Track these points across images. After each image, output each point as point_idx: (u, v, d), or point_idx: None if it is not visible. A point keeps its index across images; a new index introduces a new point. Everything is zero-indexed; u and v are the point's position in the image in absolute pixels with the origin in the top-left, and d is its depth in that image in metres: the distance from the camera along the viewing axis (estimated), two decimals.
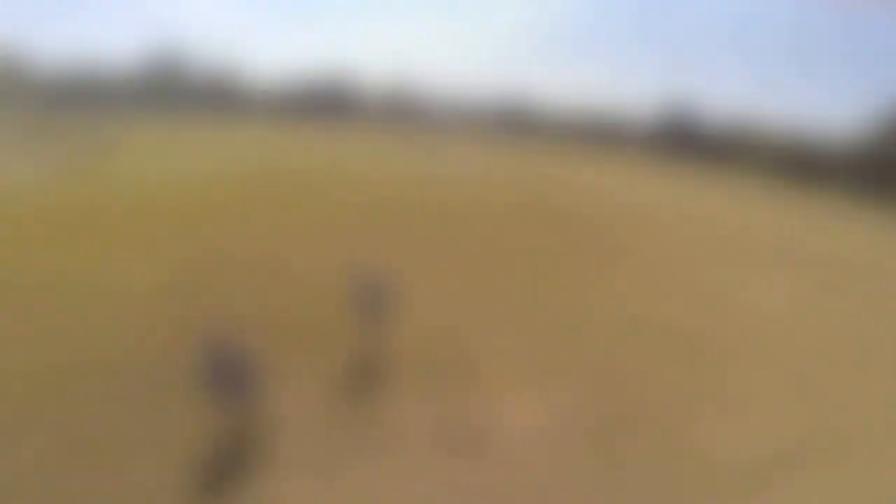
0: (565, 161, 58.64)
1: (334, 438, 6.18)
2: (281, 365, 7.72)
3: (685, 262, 16.67)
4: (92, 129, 47.32)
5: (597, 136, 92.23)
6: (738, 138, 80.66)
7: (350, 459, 5.86)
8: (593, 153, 77.66)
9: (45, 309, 8.89)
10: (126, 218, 15.70)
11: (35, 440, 5.70)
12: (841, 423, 7.85)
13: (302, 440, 6.08)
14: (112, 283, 10.26)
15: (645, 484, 5.95)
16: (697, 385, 8.46)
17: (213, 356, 5.62)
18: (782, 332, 11.33)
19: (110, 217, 15.61)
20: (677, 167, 71.02)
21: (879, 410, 8.26)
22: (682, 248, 18.87)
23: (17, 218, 14.91)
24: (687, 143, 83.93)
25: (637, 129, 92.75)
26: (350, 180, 26.31)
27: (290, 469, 5.59)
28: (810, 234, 27.82)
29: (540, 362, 8.58)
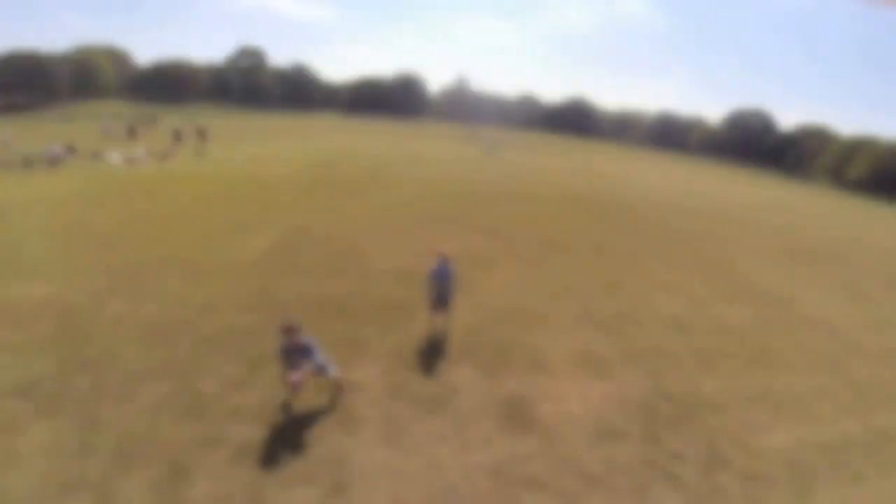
0: (630, 160, 56.98)
1: (402, 407, 6.81)
2: (357, 337, 8.47)
3: (746, 263, 16.21)
4: (187, 119, 51.18)
5: (662, 137, 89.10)
6: (805, 141, 75.61)
7: (414, 426, 6.46)
8: (660, 154, 75.18)
9: (159, 280, 10.13)
10: (221, 200, 17.29)
11: (150, 391, 6.69)
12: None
13: (373, 407, 6.74)
14: (212, 260, 11.54)
15: (691, 473, 6.14)
16: (750, 382, 8.45)
17: (285, 338, 6.20)
18: (840, 336, 10.99)
19: (207, 199, 17.20)
20: (745, 170, 67.90)
21: None
22: (745, 249, 18.30)
23: (129, 200, 16.68)
24: (755, 145, 79.52)
25: (703, 132, 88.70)
26: (420, 174, 27.12)
27: (362, 431, 6.25)
28: (876, 237, 25.93)
29: (598, 351, 8.81)
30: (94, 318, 8.54)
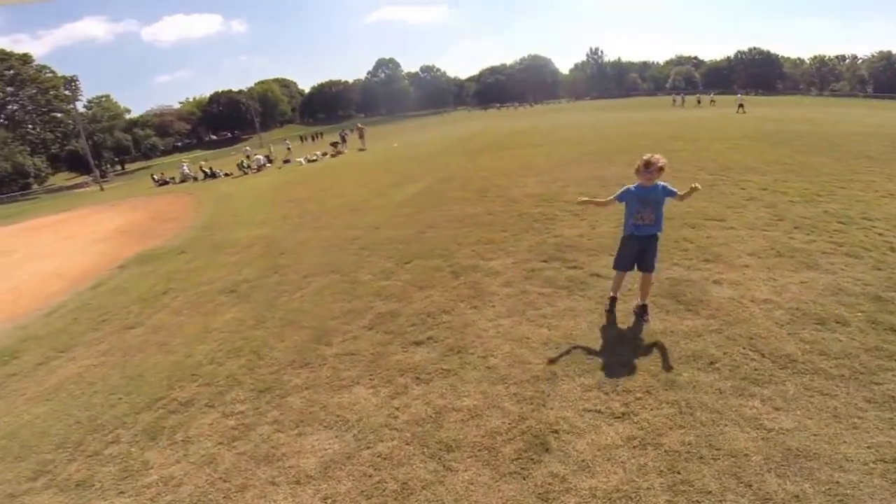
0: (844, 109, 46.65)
1: (535, 287, 6.55)
2: (494, 239, 8.70)
3: None
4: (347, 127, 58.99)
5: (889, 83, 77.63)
6: None
7: (546, 302, 6.11)
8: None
9: (336, 217, 12.21)
10: (381, 169, 20.02)
11: (319, 282, 7.93)
12: None
13: (504, 286, 6.69)
14: (376, 203, 13.55)
15: None
16: None
17: None
18: None
19: (371, 170, 20.19)
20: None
21: None
22: None
23: (314, 180, 20.14)
24: None
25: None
26: (562, 135, 26.60)
27: (489, 306, 6.17)
28: None
29: (795, 245, 7.20)
30: (288, 242, 10.63)
